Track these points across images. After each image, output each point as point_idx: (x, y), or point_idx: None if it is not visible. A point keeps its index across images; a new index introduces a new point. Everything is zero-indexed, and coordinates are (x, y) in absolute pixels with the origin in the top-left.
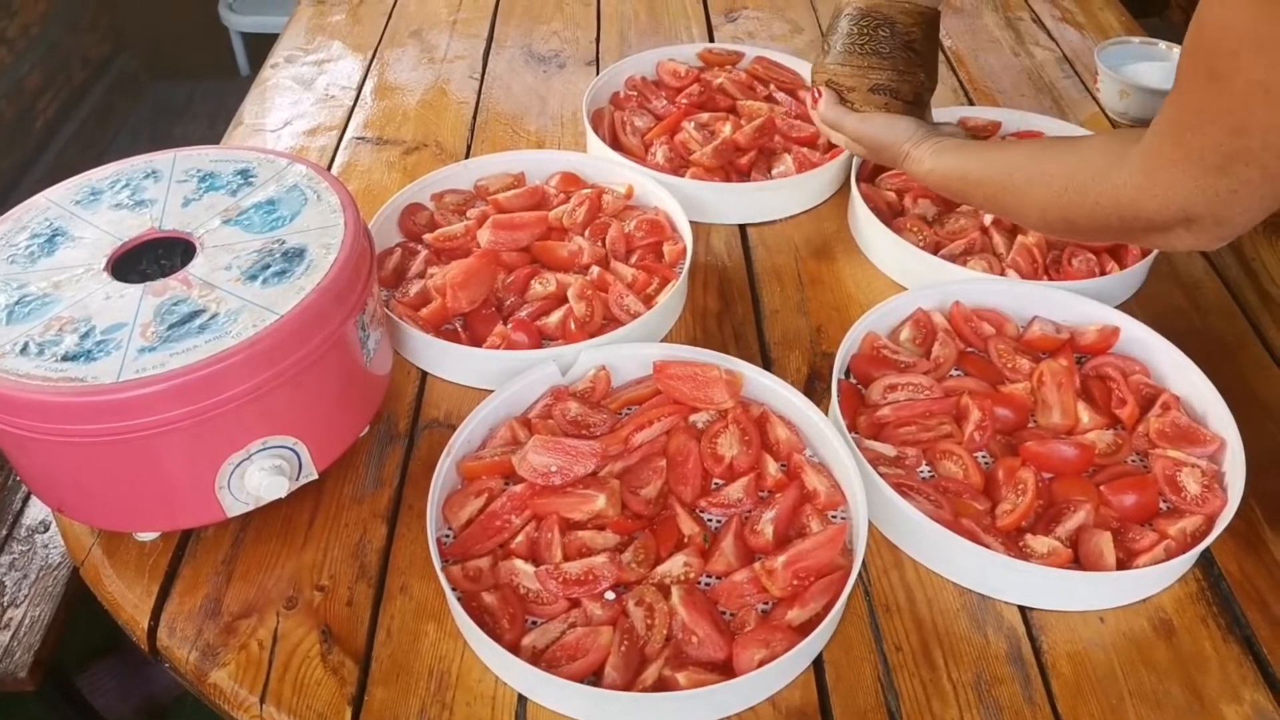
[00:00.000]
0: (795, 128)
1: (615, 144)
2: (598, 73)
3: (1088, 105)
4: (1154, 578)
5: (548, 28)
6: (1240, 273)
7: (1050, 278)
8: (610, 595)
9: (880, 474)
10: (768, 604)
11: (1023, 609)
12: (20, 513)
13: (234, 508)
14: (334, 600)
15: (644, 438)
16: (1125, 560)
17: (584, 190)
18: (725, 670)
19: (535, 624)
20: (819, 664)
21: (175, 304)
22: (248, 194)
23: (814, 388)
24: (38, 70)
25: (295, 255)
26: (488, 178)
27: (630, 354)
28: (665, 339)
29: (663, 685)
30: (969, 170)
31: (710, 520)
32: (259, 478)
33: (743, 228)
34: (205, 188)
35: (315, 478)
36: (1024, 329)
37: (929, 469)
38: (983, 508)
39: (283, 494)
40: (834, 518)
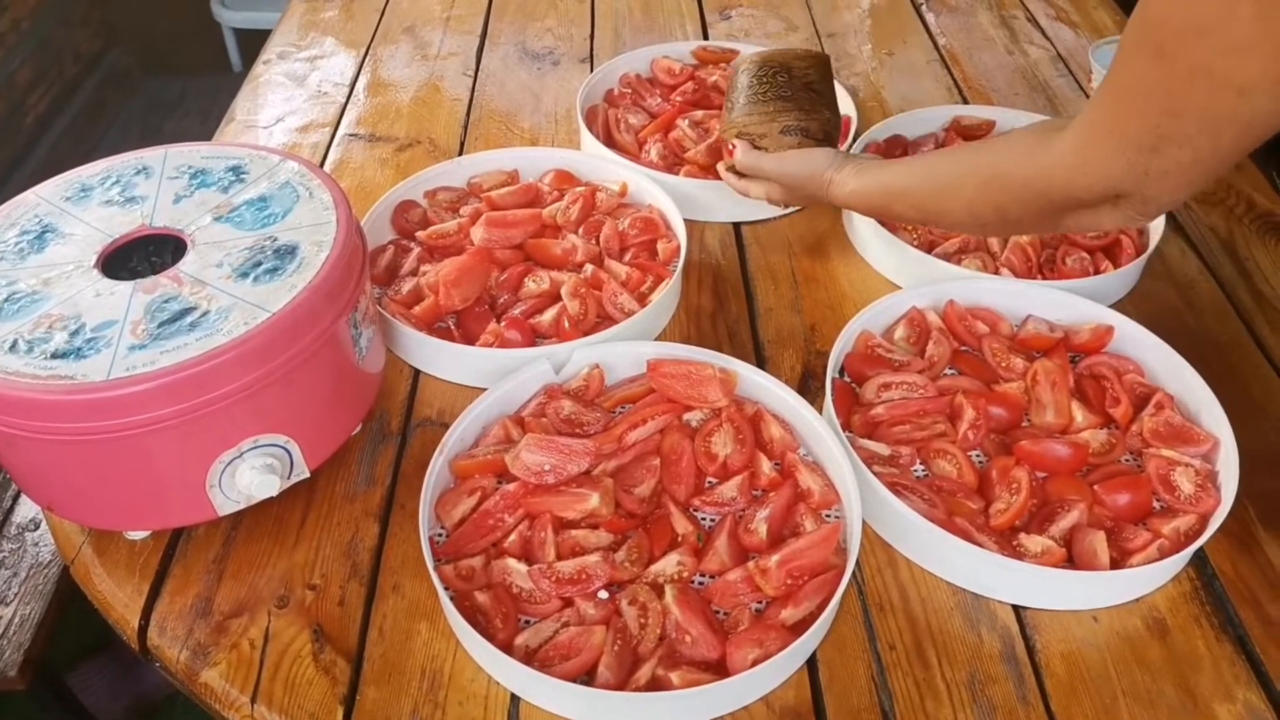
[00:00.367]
0: None
1: (609, 142)
2: (592, 70)
3: (1082, 104)
4: (1147, 577)
5: (542, 24)
6: (1234, 272)
7: (1044, 277)
8: (603, 594)
9: (874, 473)
10: (761, 603)
11: (1016, 608)
12: (10, 510)
13: (225, 506)
14: (326, 599)
15: (637, 436)
16: (1119, 559)
17: (578, 188)
18: (719, 670)
19: (528, 623)
20: (813, 663)
21: (166, 301)
22: (239, 191)
23: (808, 386)
24: (28, 65)
25: (287, 253)
26: (481, 175)
27: (624, 352)
28: (659, 337)
29: (656, 685)
30: (891, 182)
31: (704, 519)
32: (250, 476)
33: (737, 226)
34: (196, 184)
35: (307, 476)
36: (1018, 328)
37: (923, 468)
38: (977, 507)
39: (274, 492)
40: (828, 517)
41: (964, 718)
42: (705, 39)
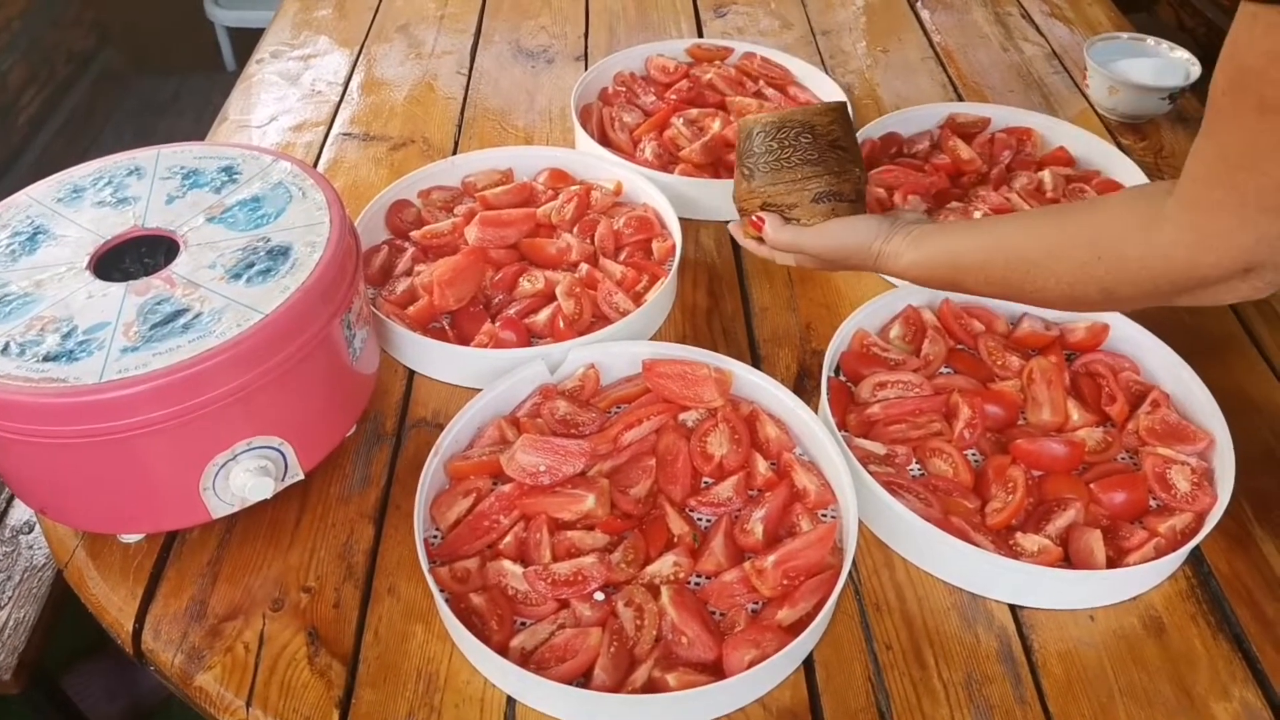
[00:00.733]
0: None
1: (604, 140)
2: (586, 68)
3: (1077, 101)
4: (1144, 576)
5: (536, 23)
6: None
7: None
8: (599, 596)
9: (870, 472)
10: (758, 604)
11: (1013, 607)
12: (4, 513)
13: (219, 509)
14: (321, 602)
15: (633, 437)
16: (1115, 558)
17: (572, 187)
18: (715, 671)
19: (524, 625)
20: (809, 664)
21: (158, 303)
22: (232, 191)
23: (803, 386)
24: (20, 66)
25: (280, 253)
26: (475, 174)
27: (619, 352)
28: (654, 337)
29: (652, 686)
30: (960, 254)
31: (700, 519)
32: (244, 478)
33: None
34: (189, 185)
35: (301, 478)
36: (1013, 326)
37: (919, 467)
38: (973, 506)
39: (268, 495)
40: (824, 517)
41: (961, 717)
42: (700, 37)
